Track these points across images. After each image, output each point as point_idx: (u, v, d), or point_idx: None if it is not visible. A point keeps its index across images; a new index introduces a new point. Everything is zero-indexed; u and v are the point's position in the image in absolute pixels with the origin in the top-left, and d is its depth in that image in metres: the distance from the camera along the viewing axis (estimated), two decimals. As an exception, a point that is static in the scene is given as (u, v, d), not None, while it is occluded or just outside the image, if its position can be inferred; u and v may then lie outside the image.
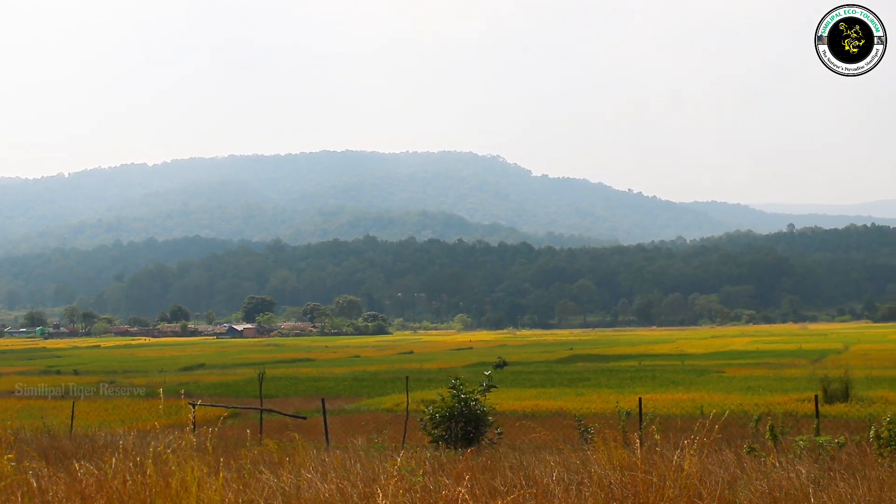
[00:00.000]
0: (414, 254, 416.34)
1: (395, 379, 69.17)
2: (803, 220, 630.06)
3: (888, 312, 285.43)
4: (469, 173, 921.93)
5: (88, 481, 12.05)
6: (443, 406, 24.48)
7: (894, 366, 76.48)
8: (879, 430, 18.58)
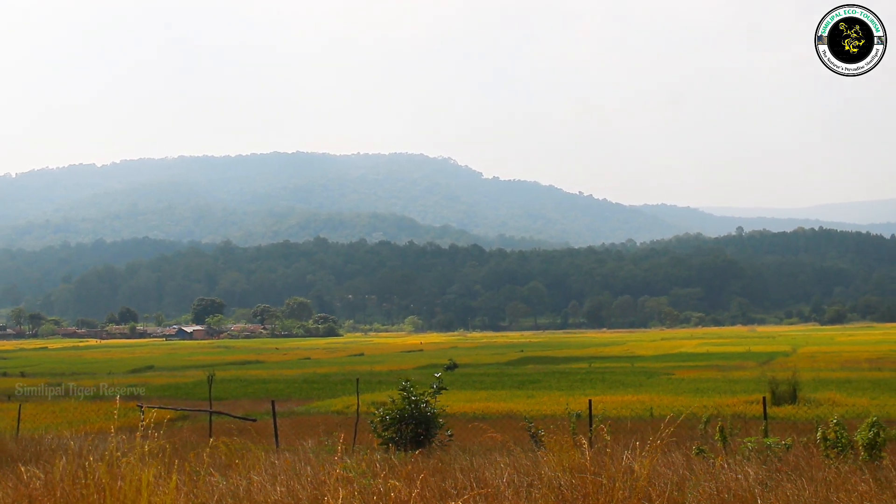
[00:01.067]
0: (365, 256, 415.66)
1: (346, 381, 69.02)
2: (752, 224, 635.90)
3: (835, 315, 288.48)
4: (420, 175, 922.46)
5: (35, 484, 11.92)
6: (393, 408, 24.42)
7: (841, 368, 77.27)
8: (826, 431, 18.73)
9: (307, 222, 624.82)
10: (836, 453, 17.86)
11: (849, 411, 39.38)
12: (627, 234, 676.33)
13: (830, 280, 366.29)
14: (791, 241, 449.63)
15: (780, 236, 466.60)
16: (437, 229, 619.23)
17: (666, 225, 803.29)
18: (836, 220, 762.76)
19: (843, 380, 61.17)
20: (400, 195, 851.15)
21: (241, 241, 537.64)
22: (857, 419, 26.38)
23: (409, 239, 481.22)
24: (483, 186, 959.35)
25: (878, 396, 48.04)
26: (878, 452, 17.82)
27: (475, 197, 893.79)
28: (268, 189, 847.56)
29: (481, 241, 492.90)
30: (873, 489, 13.16)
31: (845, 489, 13.09)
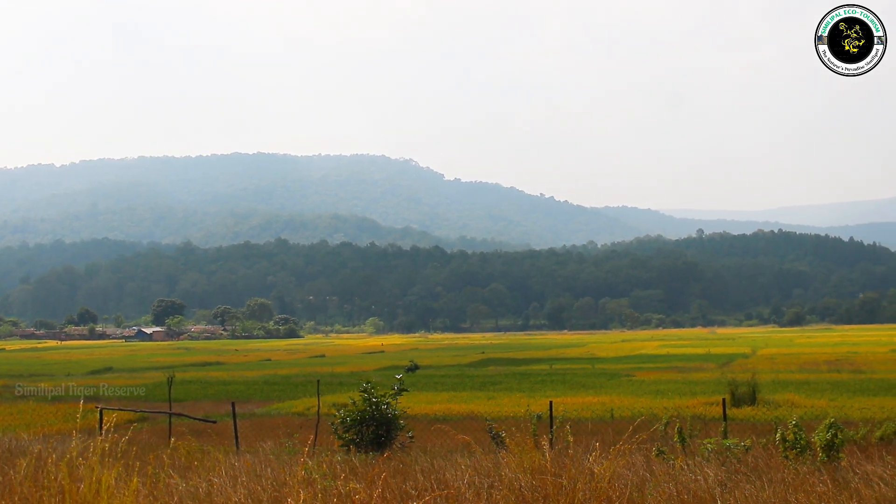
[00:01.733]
0: (326, 257, 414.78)
1: (307, 383, 68.83)
2: (712, 226, 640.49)
3: (794, 317, 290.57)
4: (382, 177, 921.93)
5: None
6: (354, 410, 24.38)
7: (800, 370, 77.78)
8: (785, 432, 18.86)
9: (268, 223, 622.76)
10: (795, 454, 18.00)
11: (807, 413, 39.60)
12: (588, 235, 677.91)
13: (790, 282, 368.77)
14: (751, 243, 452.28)
15: (740, 238, 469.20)
16: (399, 231, 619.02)
17: (627, 227, 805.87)
18: (796, 222, 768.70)
19: (802, 381, 61.57)
20: (361, 196, 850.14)
21: (202, 241, 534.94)
22: (815, 420, 26.60)
23: (371, 240, 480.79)
24: (445, 188, 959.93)
25: (836, 398, 48.37)
26: (836, 453, 17.97)
27: (437, 198, 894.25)
28: (229, 190, 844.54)
29: (443, 243, 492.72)
30: (831, 490, 13.25)
31: (804, 490, 13.17)
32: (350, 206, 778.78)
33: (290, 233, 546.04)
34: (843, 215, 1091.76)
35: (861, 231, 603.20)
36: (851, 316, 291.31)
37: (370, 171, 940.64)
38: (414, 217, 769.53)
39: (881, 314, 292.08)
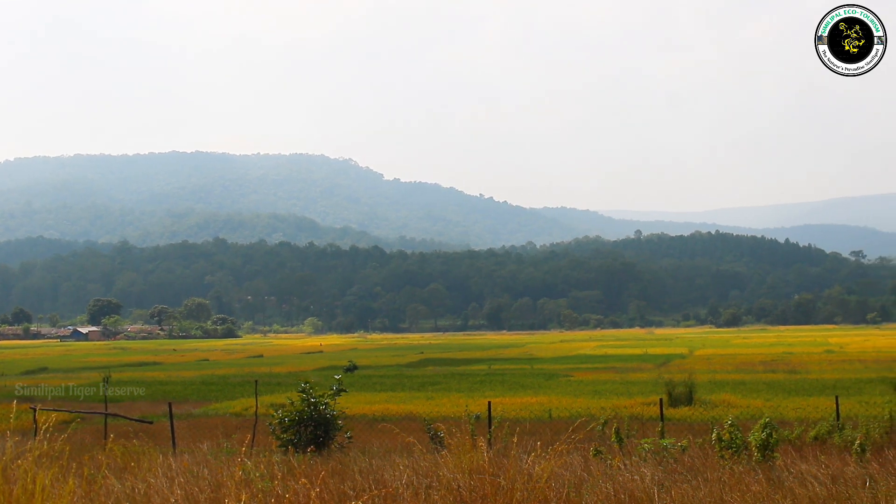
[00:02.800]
0: (264, 256, 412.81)
1: (245, 383, 68.54)
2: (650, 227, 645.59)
3: (731, 318, 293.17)
4: (321, 176, 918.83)
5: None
6: (292, 410, 24.29)
7: (736, 370, 78.51)
8: (721, 432, 18.99)
9: (206, 223, 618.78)
10: (731, 454, 18.12)
11: (743, 412, 40.00)
12: (527, 236, 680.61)
13: (726, 283, 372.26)
14: (688, 244, 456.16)
15: (677, 240, 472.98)
16: (338, 230, 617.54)
17: (566, 228, 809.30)
18: (733, 224, 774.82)
19: (738, 381, 62.12)
20: (300, 196, 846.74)
21: (139, 241, 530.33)
22: (751, 420, 26.84)
23: (310, 240, 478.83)
24: (384, 188, 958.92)
25: (771, 398, 48.82)
26: (771, 453, 18.12)
27: (376, 198, 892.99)
28: (166, 189, 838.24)
29: (382, 243, 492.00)
30: (766, 489, 13.37)
31: (739, 489, 13.28)
32: (289, 205, 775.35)
33: (228, 232, 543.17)
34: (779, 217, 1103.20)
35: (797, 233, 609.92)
36: (787, 317, 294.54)
37: (309, 170, 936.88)
38: (353, 217, 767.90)
39: (816, 315, 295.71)
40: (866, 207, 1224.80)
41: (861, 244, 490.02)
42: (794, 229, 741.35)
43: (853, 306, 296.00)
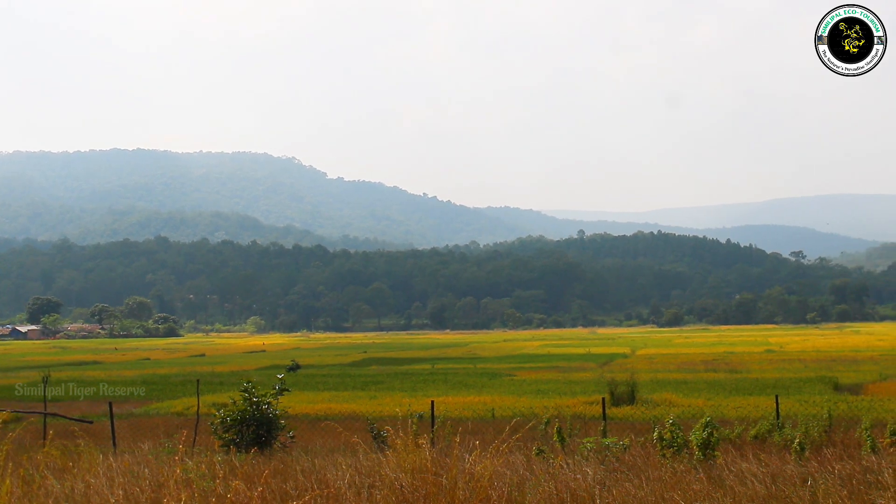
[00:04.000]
0: (207, 255, 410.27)
1: (186, 382, 68.10)
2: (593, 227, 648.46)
3: (672, 317, 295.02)
4: (264, 174, 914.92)
5: None
6: (234, 410, 24.20)
7: (678, 369, 78.99)
8: (662, 431, 19.12)
9: (148, 221, 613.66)
10: (672, 453, 18.25)
11: (684, 412, 40.25)
12: (471, 235, 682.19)
13: (668, 283, 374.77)
14: (631, 244, 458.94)
15: (620, 240, 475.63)
16: (281, 229, 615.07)
17: (509, 227, 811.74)
18: (675, 224, 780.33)
19: (680, 381, 62.48)
20: (243, 194, 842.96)
21: (80, 239, 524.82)
22: (692, 419, 27.02)
23: (253, 239, 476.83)
24: (327, 186, 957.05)
25: (712, 397, 49.17)
26: (712, 452, 18.27)
27: (319, 197, 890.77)
28: (107, 186, 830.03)
29: (325, 242, 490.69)
30: (707, 487, 13.46)
31: (680, 488, 13.36)
32: (232, 204, 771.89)
33: (170, 231, 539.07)
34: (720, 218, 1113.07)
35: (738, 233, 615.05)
36: (728, 316, 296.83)
37: (252, 168, 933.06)
38: (296, 216, 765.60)
39: (756, 315, 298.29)
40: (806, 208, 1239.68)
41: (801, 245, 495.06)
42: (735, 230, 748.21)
43: (793, 306, 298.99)
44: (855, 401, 45.30)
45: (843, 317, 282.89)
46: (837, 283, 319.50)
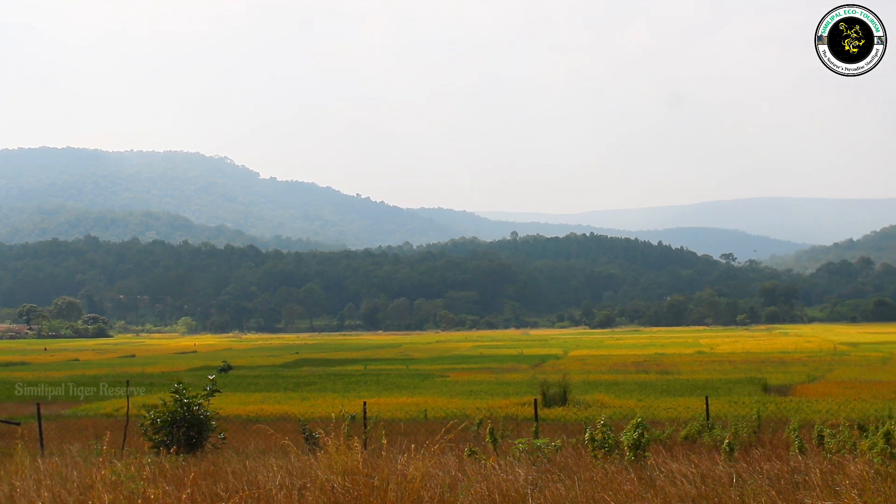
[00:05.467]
0: (137, 255, 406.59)
1: (116, 383, 67.34)
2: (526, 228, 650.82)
3: (604, 319, 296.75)
4: (196, 174, 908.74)
5: None
6: (165, 411, 23.99)
7: (610, 370, 79.45)
8: (594, 432, 19.21)
9: (77, 220, 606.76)
10: (604, 453, 18.34)
11: (616, 413, 40.50)
12: (404, 236, 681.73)
13: (600, 284, 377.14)
14: (563, 246, 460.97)
15: (553, 241, 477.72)
16: (213, 229, 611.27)
17: (442, 228, 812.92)
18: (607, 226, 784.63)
19: (612, 382, 62.86)
20: (175, 194, 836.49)
21: (7, 238, 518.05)
22: (623, 420, 27.17)
23: (184, 238, 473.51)
24: (260, 187, 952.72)
25: (643, 398, 49.51)
26: (643, 452, 18.37)
27: (252, 197, 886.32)
28: (36, 185, 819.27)
29: (258, 243, 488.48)
30: (638, 488, 13.54)
31: (612, 488, 13.42)
32: (163, 203, 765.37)
33: (100, 230, 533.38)
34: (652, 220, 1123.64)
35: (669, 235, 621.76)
36: (659, 318, 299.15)
37: (184, 168, 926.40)
38: (228, 216, 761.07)
39: (687, 316, 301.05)
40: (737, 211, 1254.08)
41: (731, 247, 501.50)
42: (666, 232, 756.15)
43: (723, 308, 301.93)
44: (783, 402, 45.80)
45: (772, 318, 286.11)
46: (767, 286, 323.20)
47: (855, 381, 61.68)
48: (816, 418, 32.35)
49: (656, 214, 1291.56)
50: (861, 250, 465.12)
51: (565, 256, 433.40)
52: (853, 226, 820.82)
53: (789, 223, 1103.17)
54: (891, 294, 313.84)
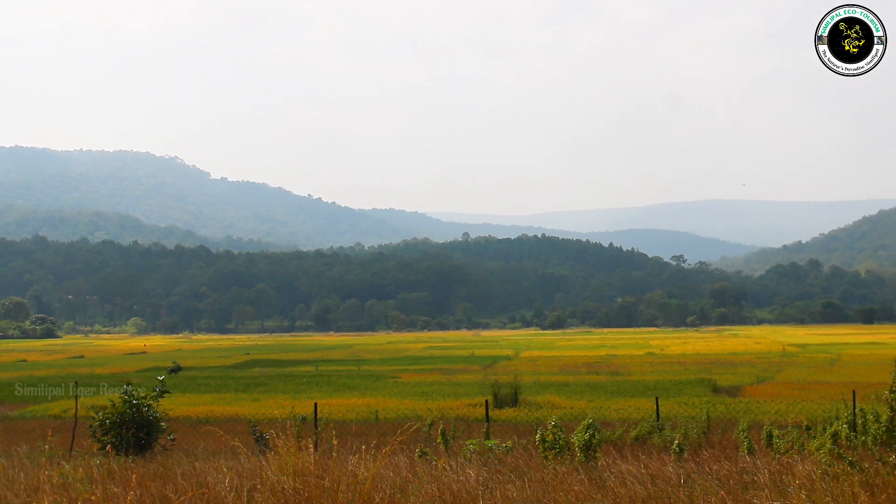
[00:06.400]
0: (86, 255, 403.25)
1: (65, 384, 66.86)
2: (478, 230, 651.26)
3: (556, 320, 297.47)
4: (146, 174, 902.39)
5: None
6: (114, 412, 23.84)
7: (561, 372, 79.71)
8: (545, 433, 19.26)
9: (25, 219, 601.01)
10: (555, 454, 18.38)
11: (567, 413, 40.62)
12: (356, 237, 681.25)
13: (552, 286, 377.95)
14: (515, 247, 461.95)
15: (504, 242, 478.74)
16: (163, 229, 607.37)
17: (394, 229, 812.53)
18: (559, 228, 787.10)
19: (562, 383, 63.08)
20: (125, 194, 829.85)
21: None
22: (574, 421, 27.25)
23: (134, 239, 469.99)
24: (211, 187, 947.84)
25: (594, 399, 49.73)
26: (594, 453, 18.44)
27: (202, 197, 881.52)
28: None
29: (208, 243, 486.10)
30: (588, 489, 13.57)
31: (562, 489, 13.45)
32: (112, 203, 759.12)
33: (48, 230, 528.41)
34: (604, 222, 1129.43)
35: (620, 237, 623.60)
36: (610, 319, 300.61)
37: (134, 168, 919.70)
38: (179, 216, 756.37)
39: (638, 318, 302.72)
40: (687, 214, 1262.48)
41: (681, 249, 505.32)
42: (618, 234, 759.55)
43: (674, 309, 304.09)
44: (733, 403, 46.15)
45: (722, 320, 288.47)
46: (717, 287, 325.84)
47: (803, 382, 62.29)
48: (765, 419, 32.61)
49: (608, 216, 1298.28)
50: (809, 252, 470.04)
51: (517, 258, 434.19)
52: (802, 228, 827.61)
53: (739, 225, 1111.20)
54: (839, 296, 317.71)
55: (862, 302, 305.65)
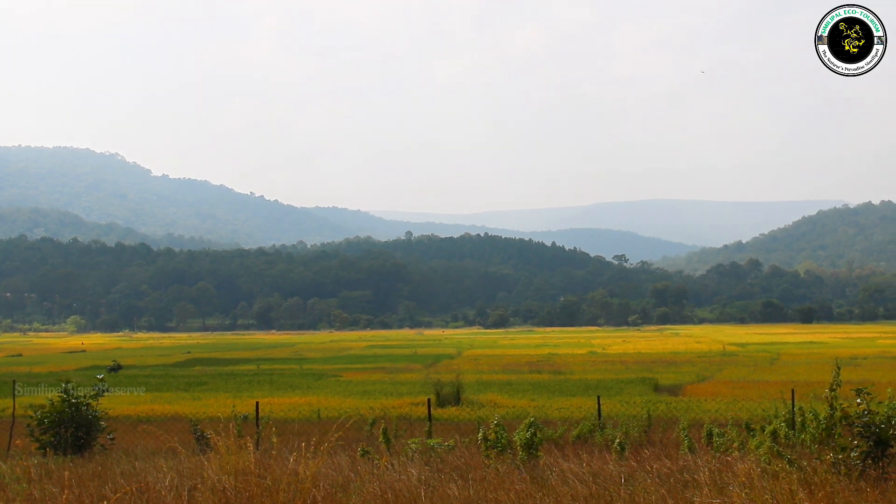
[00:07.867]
0: (24, 252, 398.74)
1: (1, 383, 66.17)
2: (421, 228, 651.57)
3: (498, 319, 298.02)
4: (85, 170, 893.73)
5: None
6: (52, 411, 23.59)
7: (503, 370, 79.99)
8: (487, 432, 19.28)
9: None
10: (497, 453, 18.39)
11: (509, 412, 40.65)
12: (298, 235, 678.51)
13: (494, 285, 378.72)
14: (457, 246, 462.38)
15: (447, 241, 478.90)
16: (103, 227, 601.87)
17: (337, 227, 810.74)
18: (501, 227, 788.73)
19: (505, 382, 63.32)
20: (64, 190, 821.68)
21: None
22: (516, 420, 27.29)
23: (73, 236, 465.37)
24: (152, 184, 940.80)
25: (536, 398, 49.89)
26: (535, 452, 18.49)
27: (143, 195, 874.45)
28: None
29: (149, 241, 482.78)
30: (530, 487, 13.59)
31: (504, 488, 13.46)
32: (51, 200, 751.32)
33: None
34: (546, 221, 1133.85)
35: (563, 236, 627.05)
36: (552, 318, 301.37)
37: (73, 164, 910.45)
38: (119, 213, 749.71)
39: (580, 317, 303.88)
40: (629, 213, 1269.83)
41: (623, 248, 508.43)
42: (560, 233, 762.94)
43: (615, 308, 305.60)
44: (674, 401, 46.50)
45: (663, 319, 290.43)
46: (658, 287, 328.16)
47: (743, 381, 62.94)
48: (706, 418, 32.92)
49: (550, 216, 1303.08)
50: (750, 252, 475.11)
51: (459, 257, 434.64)
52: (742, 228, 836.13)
53: (681, 225, 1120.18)
54: (778, 295, 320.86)
55: (801, 301, 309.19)
